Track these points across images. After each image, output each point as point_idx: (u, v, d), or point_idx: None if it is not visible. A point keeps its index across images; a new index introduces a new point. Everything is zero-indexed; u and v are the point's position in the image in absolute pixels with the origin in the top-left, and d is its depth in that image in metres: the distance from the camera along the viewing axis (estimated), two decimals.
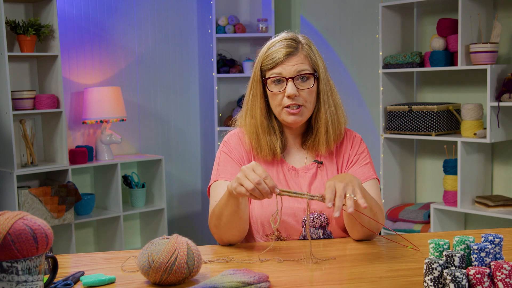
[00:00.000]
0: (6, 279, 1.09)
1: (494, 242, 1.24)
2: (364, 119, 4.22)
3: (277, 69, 1.67)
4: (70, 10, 4.01)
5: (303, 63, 1.67)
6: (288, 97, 1.67)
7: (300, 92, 1.67)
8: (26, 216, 1.12)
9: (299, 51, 1.69)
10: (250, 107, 1.74)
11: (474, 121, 3.44)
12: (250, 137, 1.75)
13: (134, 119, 4.33)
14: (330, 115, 1.72)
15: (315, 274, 1.39)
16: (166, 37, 4.47)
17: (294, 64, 1.67)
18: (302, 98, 1.68)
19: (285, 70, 1.66)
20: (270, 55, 1.69)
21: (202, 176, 4.74)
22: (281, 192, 1.45)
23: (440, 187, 3.84)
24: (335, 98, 1.76)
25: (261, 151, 1.73)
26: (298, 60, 1.67)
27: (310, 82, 1.68)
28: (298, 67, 1.67)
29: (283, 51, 1.67)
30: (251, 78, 1.75)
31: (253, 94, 1.74)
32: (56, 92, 3.69)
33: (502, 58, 3.53)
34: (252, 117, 1.73)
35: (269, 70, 1.69)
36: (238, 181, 1.45)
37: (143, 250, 1.31)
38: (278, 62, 1.67)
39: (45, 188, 3.58)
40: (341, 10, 4.32)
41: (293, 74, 1.66)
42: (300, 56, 1.68)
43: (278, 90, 1.68)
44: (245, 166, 1.46)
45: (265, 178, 1.43)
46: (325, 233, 1.71)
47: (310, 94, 1.69)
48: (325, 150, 1.74)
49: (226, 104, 4.59)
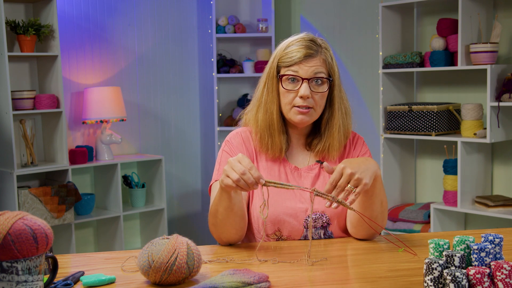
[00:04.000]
0: (6, 279, 1.09)
1: (494, 242, 1.24)
2: (364, 119, 4.22)
3: (294, 68, 1.67)
4: (70, 10, 4.01)
5: (321, 66, 1.68)
6: (301, 98, 1.67)
7: (313, 94, 1.67)
8: (26, 216, 1.12)
9: (318, 54, 1.68)
10: (265, 103, 1.73)
11: (474, 121, 3.44)
12: (262, 133, 1.73)
13: (134, 119, 4.33)
14: (342, 121, 1.74)
15: (315, 274, 1.39)
16: (166, 37, 4.47)
17: (312, 66, 1.66)
18: (314, 101, 1.68)
19: (302, 70, 1.66)
20: (290, 53, 1.68)
21: (202, 176, 4.74)
22: (267, 183, 1.46)
23: (440, 187, 3.84)
24: (346, 105, 1.77)
25: (271, 148, 1.73)
26: (317, 62, 1.67)
27: (324, 86, 1.69)
28: (315, 69, 1.66)
29: (303, 51, 1.67)
30: (266, 73, 1.74)
31: (268, 90, 1.72)
32: (56, 92, 3.69)
33: (502, 58, 3.53)
34: (266, 112, 1.72)
35: (286, 68, 1.68)
36: (224, 173, 1.46)
37: (143, 250, 1.31)
38: (296, 61, 1.67)
39: (45, 188, 3.58)
40: (341, 10, 4.32)
41: (310, 75, 1.66)
42: (319, 59, 1.68)
43: (292, 89, 1.68)
44: (231, 158, 1.47)
45: (250, 169, 1.44)
46: (326, 233, 1.71)
47: (322, 98, 1.69)
48: (336, 155, 1.76)
49: (226, 104, 4.59)
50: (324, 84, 1.69)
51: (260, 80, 1.77)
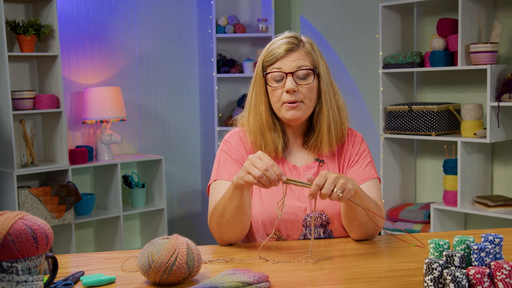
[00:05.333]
0: (6, 279, 1.09)
1: (494, 242, 1.24)
2: (364, 119, 4.22)
3: (277, 64, 1.68)
4: (70, 10, 4.01)
5: (303, 59, 1.68)
6: (287, 92, 1.67)
7: (299, 88, 1.67)
8: (26, 216, 1.12)
9: (300, 48, 1.69)
10: (254, 105, 1.74)
11: (474, 121, 3.44)
12: (255, 135, 1.74)
13: (134, 119, 4.33)
14: (332, 115, 1.72)
15: (315, 274, 1.39)
16: (166, 37, 4.47)
17: (294, 60, 1.67)
18: (302, 94, 1.68)
19: (285, 65, 1.67)
20: (272, 50, 1.70)
21: (202, 176, 4.74)
22: (288, 181, 1.47)
23: (440, 187, 3.84)
24: (338, 99, 1.76)
25: (265, 148, 1.73)
26: (299, 56, 1.68)
27: (310, 78, 1.69)
28: (298, 63, 1.67)
29: (284, 46, 1.68)
30: (254, 77, 1.75)
31: (256, 92, 1.74)
32: (56, 92, 3.69)
33: (502, 58, 3.53)
34: (256, 114, 1.73)
35: (270, 66, 1.70)
36: (245, 169, 1.46)
37: (143, 250, 1.31)
38: (278, 57, 1.68)
39: (45, 188, 3.58)
40: (341, 10, 4.32)
41: (293, 69, 1.67)
42: (300, 52, 1.69)
43: (278, 86, 1.68)
44: (251, 155, 1.48)
45: (272, 166, 1.45)
46: (326, 231, 1.71)
47: (310, 91, 1.69)
48: (327, 150, 1.74)
49: (226, 104, 4.59)
50: (310, 76, 1.69)
51: (250, 85, 1.78)
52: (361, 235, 1.66)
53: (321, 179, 1.45)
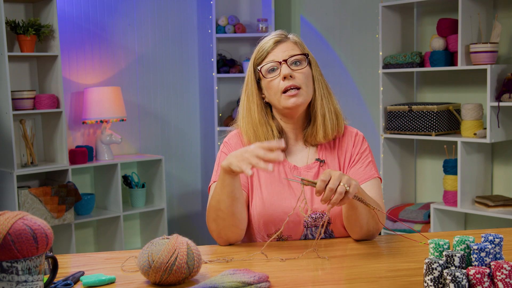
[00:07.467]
0: (6, 279, 1.09)
1: (494, 242, 1.24)
2: (364, 119, 4.22)
3: (269, 57, 1.72)
4: (70, 10, 4.01)
5: (293, 49, 1.72)
6: (284, 79, 1.68)
7: (295, 74, 1.70)
8: (26, 216, 1.12)
9: (288, 40, 1.75)
10: (247, 107, 1.76)
11: (474, 121, 3.44)
12: (249, 136, 1.75)
13: (134, 119, 4.33)
14: (326, 103, 1.75)
15: (316, 274, 1.39)
16: (166, 37, 4.47)
17: (285, 50, 1.72)
18: (299, 80, 1.70)
19: (276, 56, 1.71)
20: (261, 47, 1.75)
21: (202, 176, 4.74)
22: (306, 182, 1.48)
23: (440, 187, 3.84)
24: (330, 91, 1.79)
25: None
26: (288, 46, 1.73)
27: (303, 63, 1.72)
28: (288, 52, 1.71)
29: (272, 40, 1.73)
30: (245, 79, 1.78)
31: (248, 93, 1.76)
32: (56, 92, 3.69)
33: (502, 58, 3.53)
34: (249, 114, 1.75)
35: (262, 61, 1.73)
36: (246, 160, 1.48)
37: (143, 250, 1.31)
38: (268, 50, 1.72)
39: (45, 188, 3.58)
40: (341, 10, 4.32)
41: (285, 57, 1.70)
42: (289, 43, 1.74)
43: (274, 76, 1.71)
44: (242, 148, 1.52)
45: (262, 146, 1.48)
46: (327, 231, 1.71)
47: (306, 78, 1.71)
48: (322, 137, 1.74)
49: (226, 104, 4.59)
50: (303, 62, 1.72)
51: (241, 91, 1.80)
52: (362, 236, 1.66)
53: (326, 176, 1.45)
